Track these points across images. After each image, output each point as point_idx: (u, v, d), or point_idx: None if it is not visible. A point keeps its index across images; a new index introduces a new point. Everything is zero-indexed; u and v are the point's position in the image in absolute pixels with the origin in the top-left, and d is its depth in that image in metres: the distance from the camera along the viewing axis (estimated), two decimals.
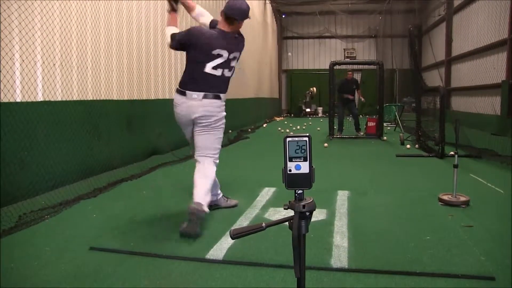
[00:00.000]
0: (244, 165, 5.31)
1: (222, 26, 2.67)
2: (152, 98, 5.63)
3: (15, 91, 3.23)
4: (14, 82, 3.23)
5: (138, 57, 5.19)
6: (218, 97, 2.67)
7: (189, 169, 2.72)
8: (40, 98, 3.51)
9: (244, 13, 2.64)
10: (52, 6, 3.58)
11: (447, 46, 12.26)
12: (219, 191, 3.10)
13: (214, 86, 2.66)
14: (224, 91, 2.72)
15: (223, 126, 2.78)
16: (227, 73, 2.70)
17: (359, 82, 9.20)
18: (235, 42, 2.69)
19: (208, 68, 2.64)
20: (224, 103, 2.74)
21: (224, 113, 2.75)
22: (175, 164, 5.26)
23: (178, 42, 2.62)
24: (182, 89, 2.66)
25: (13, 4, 3.16)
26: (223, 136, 2.81)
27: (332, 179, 4.33)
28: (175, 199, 3.44)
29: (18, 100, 3.28)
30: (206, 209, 2.58)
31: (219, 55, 2.63)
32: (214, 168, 2.76)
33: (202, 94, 2.63)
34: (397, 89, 15.50)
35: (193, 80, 2.65)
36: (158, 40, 5.72)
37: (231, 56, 2.68)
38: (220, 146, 2.80)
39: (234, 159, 5.81)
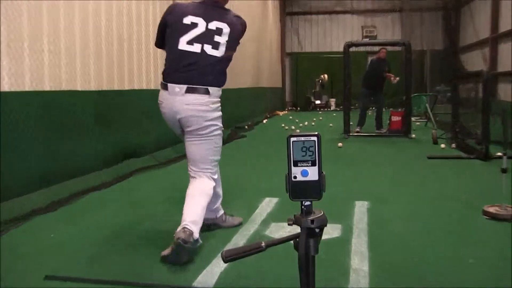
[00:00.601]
0: (240, 170, 5.31)
1: None
2: (126, 88, 5.62)
3: None
4: None
5: (108, 38, 5.19)
6: (207, 92, 2.55)
7: (174, 176, 2.72)
8: None
9: None
10: None
11: (493, 20, 12.11)
12: (220, 207, 3.00)
13: (200, 74, 2.56)
14: (215, 83, 2.59)
15: (219, 131, 2.67)
16: (210, 50, 2.55)
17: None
18: (218, 12, 2.62)
19: (182, 43, 2.55)
20: (217, 99, 2.62)
21: (219, 114, 2.64)
22: (156, 169, 5.27)
23: (159, 31, 2.68)
24: (164, 81, 2.62)
25: None
26: (221, 142, 2.70)
27: (348, 187, 4.34)
28: (155, 214, 3.44)
29: None
30: (196, 235, 2.45)
31: (194, 25, 2.55)
32: (212, 184, 2.67)
33: (184, 87, 2.54)
34: (428, 75, 15.56)
35: (172, 66, 2.61)
36: (133, 16, 5.71)
37: (212, 26, 2.56)
38: (218, 157, 2.71)
39: (227, 162, 5.75)
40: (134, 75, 5.82)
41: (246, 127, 10.32)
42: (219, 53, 2.59)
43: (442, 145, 6.93)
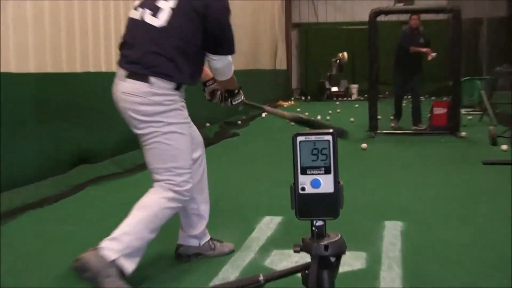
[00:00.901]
0: (231, 179, 5.31)
1: None
2: (79, 70, 5.62)
3: None
4: None
5: (52, 7, 5.18)
6: (145, 78, 2.56)
7: (144, 189, 2.72)
8: None
9: None
10: None
11: None
12: (205, 232, 3.05)
13: (143, 53, 2.60)
14: (160, 72, 2.58)
15: (169, 128, 2.62)
16: (149, 17, 2.61)
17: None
18: None
19: (133, 8, 2.74)
20: (163, 92, 2.59)
21: (166, 108, 2.60)
22: (118, 178, 5.27)
23: None
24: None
25: None
26: (183, 146, 2.67)
27: (375, 202, 4.34)
28: None
29: None
30: (112, 256, 2.42)
31: None
32: (166, 197, 2.63)
33: (124, 72, 2.62)
34: (484, 53, 15.59)
35: (122, 40, 2.74)
36: None
37: None
38: (178, 164, 2.66)
39: (214, 170, 5.73)
40: (88, 54, 5.82)
41: (239, 122, 10.30)
42: (158, 22, 2.61)
43: (504, 147, 6.92)
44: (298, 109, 13.33)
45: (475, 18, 14.93)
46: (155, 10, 2.61)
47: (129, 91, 2.57)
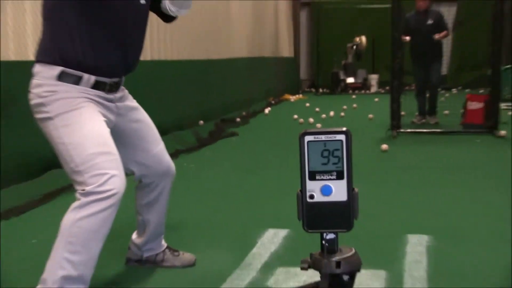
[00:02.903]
0: (230, 186, 5.33)
1: None
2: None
3: None
4: None
5: None
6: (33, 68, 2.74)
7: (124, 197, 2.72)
8: None
9: None
10: None
11: None
12: (161, 241, 3.24)
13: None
14: (40, 54, 2.71)
15: (48, 122, 2.66)
16: None
17: (445, 22, 9.22)
18: None
19: None
20: (42, 82, 2.67)
21: (43, 100, 2.66)
22: None
23: None
24: None
25: None
26: (74, 144, 2.62)
27: (396, 212, 4.34)
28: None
29: None
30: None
31: None
32: (71, 213, 2.59)
33: None
34: None
35: None
36: None
37: None
38: (75, 163, 2.60)
39: (209, 174, 5.81)
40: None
41: (238, 119, 10.33)
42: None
43: None
44: (308, 104, 13.31)
45: None
46: None
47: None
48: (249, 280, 3.06)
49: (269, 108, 12.75)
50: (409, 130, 8.61)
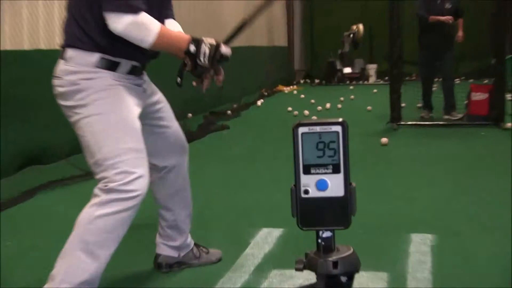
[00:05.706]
0: (220, 182, 5.36)
1: None
2: (26, 48, 5.60)
3: None
4: None
5: None
6: (62, 55, 2.75)
7: None
8: None
9: None
10: None
11: None
12: (187, 242, 3.23)
13: (66, 24, 2.79)
14: (73, 39, 2.71)
15: (82, 114, 2.69)
16: None
17: (462, 9, 9.11)
18: None
19: None
20: (77, 69, 2.69)
21: (78, 87, 2.68)
22: (75, 182, 5.28)
23: None
24: None
25: None
26: (105, 135, 2.67)
27: (398, 209, 4.36)
28: None
29: None
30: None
31: None
32: (90, 209, 2.64)
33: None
34: None
35: None
36: None
37: None
38: (103, 156, 2.65)
39: (199, 170, 5.76)
40: (38, 30, 5.80)
41: (229, 112, 10.38)
42: None
43: None
44: (303, 95, 13.38)
45: None
46: None
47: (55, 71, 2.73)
48: (241, 283, 3.07)
49: (262, 100, 12.85)
50: (409, 123, 8.62)
